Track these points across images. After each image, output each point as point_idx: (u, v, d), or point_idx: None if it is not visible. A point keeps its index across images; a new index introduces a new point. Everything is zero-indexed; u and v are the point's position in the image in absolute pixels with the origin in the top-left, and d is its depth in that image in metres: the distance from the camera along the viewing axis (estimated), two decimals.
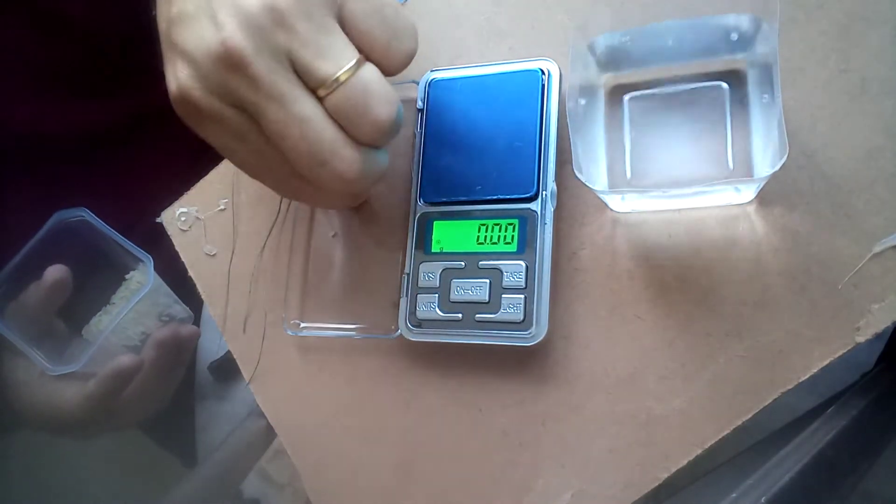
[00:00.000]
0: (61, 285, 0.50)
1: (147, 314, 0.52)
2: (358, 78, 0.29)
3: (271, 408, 0.42)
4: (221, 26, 0.28)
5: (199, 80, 0.29)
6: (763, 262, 0.32)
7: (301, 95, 0.28)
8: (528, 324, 0.34)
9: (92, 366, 0.48)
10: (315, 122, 0.29)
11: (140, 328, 0.52)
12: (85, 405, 0.49)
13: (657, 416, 0.33)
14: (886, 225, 0.30)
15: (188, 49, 0.29)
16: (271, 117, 0.28)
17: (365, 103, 0.29)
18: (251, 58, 0.27)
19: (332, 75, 0.28)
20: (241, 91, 0.28)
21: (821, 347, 0.31)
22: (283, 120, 0.28)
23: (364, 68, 0.29)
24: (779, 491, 0.27)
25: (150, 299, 0.51)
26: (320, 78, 0.28)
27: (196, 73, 0.29)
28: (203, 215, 0.45)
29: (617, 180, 0.34)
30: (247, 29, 0.27)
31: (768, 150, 0.31)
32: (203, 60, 0.28)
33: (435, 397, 0.37)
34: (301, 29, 0.28)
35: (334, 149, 0.29)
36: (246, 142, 0.30)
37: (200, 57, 0.28)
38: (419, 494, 0.37)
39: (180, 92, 0.29)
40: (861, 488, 0.33)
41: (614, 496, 0.33)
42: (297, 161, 0.29)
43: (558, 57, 0.36)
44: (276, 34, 0.28)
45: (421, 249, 0.36)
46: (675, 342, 0.33)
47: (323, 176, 0.30)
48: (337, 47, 0.29)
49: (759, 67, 0.32)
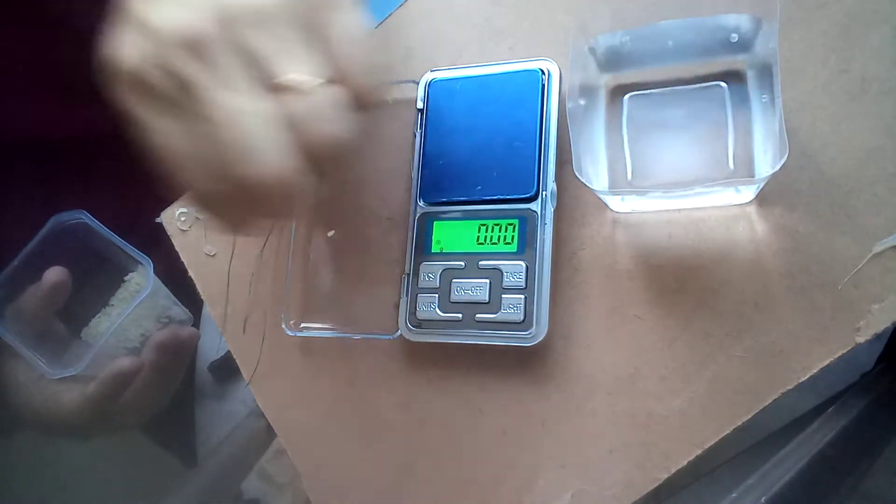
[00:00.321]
0: (60, 287, 0.49)
1: (146, 316, 0.52)
2: (326, 91, 0.29)
3: (271, 408, 0.42)
4: (192, 7, 0.28)
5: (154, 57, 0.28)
6: (763, 263, 0.32)
7: (253, 90, 0.28)
8: (528, 324, 0.34)
9: (91, 368, 0.48)
10: (258, 117, 0.28)
11: (140, 330, 0.52)
12: (84, 407, 0.49)
13: (657, 417, 0.33)
14: (886, 225, 0.30)
15: (150, 21, 0.28)
16: (217, 103, 0.28)
17: (324, 116, 0.29)
18: (215, 43, 0.27)
19: (297, 81, 0.28)
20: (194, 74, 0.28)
21: (821, 347, 0.31)
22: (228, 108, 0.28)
23: (335, 87, 0.29)
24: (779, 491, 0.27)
25: (150, 301, 0.51)
26: (284, 81, 0.28)
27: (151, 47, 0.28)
28: (203, 215, 0.45)
29: (617, 180, 0.34)
30: (219, 17, 0.27)
31: (768, 151, 0.31)
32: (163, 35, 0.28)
33: (435, 397, 0.37)
34: (277, 34, 0.28)
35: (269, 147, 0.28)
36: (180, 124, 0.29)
37: (162, 31, 0.28)
38: (419, 494, 0.37)
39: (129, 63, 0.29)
40: (861, 488, 0.33)
41: (614, 496, 0.33)
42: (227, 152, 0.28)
43: (558, 57, 0.36)
44: (249, 31, 0.28)
45: (421, 249, 0.36)
46: (675, 342, 0.33)
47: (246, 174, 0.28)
48: (308, 61, 0.29)
49: (759, 68, 0.32)
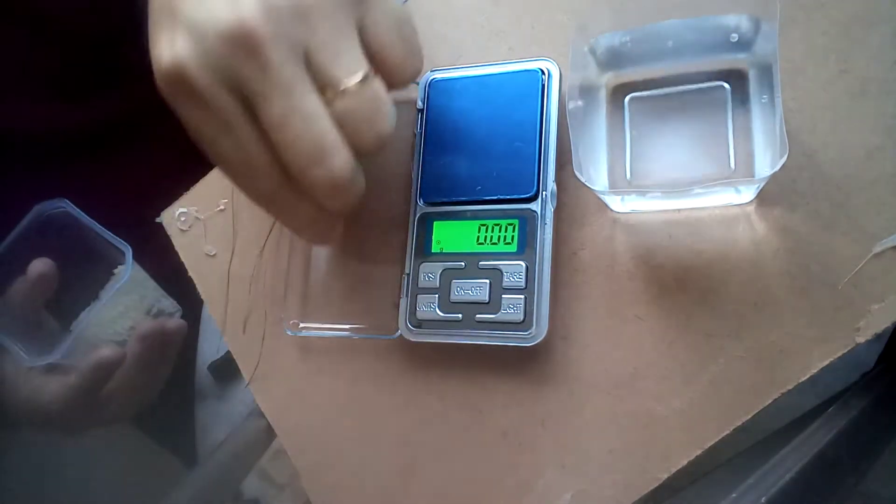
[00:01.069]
0: (46, 279, 0.49)
1: (135, 308, 0.52)
2: (370, 87, 0.29)
3: (271, 408, 0.42)
4: (239, 4, 0.26)
5: (201, 56, 0.27)
6: (763, 263, 0.32)
7: (310, 91, 0.28)
8: (528, 324, 0.34)
9: (76, 359, 0.48)
10: (320, 119, 0.28)
11: (128, 322, 0.51)
12: (67, 397, 0.48)
13: (657, 417, 0.33)
14: (886, 225, 0.30)
15: (196, 21, 0.27)
16: (276, 107, 0.27)
17: (371, 114, 0.29)
18: (268, 42, 0.26)
19: (345, 81, 0.28)
20: (248, 76, 0.27)
21: (821, 347, 0.31)
22: (289, 112, 0.27)
23: (376, 80, 0.29)
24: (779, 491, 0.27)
25: (138, 293, 0.51)
26: (332, 81, 0.28)
27: (199, 47, 0.27)
28: (203, 215, 0.45)
29: (617, 181, 0.34)
30: (267, 13, 0.26)
31: (768, 151, 0.31)
32: (212, 35, 0.27)
33: (435, 398, 0.37)
34: (322, 28, 0.27)
35: (334, 148, 0.28)
36: (233, 133, 0.28)
37: (210, 31, 0.27)
38: (419, 494, 0.37)
39: (175, 65, 0.27)
40: (861, 488, 0.33)
41: (614, 496, 0.33)
42: (293, 156, 0.28)
43: (558, 57, 0.36)
44: (297, 26, 0.27)
45: (421, 250, 0.36)
46: (675, 342, 0.33)
47: (316, 176, 0.28)
48: (353, 55, 0.28)
49: (759, 68, 0.32)
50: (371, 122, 0.29)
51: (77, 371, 0.48)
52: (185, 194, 0.45)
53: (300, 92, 0.27)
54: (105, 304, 0.49)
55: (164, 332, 0.50)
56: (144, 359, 0.50)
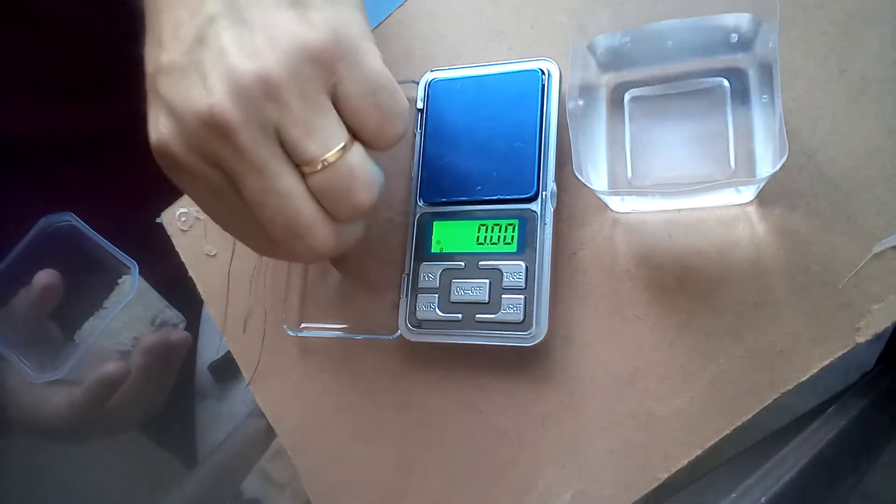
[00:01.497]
0: (51, 290, 0.49)
1: (139, 319, 0.52)
2: (344, 161, 0.28)
3: (271, 408, 0.42)
4: (211, 90, 0.27)
5: (181, 137, 0.28)
6: (763, 263, 0.32)
7: (284, 171, 0.28)
8: (528, 324, 0.34)
9: (81, 372, 0.48)
10: (295, 198, 0.28)
11: (132, 333, 0.52)
12: (71, 412, 0.48)
13: (657, 417, 0.33)
14: (886, 225, 0.30)
15: (174, 104, 0.28)
16: (251, 187, 0.28)
17: (348, 187, 0.29)
18: (238, 127, 0.27)
19: (319, 156, 0.28)
20: (223, 157, 0.28)
21: (821, 347, 0.31)
22: (263, 192, 0.28)
23: (351, 151, 0.29)
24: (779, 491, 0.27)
25: (142, 304, 0.51)
26: (307, 157, 0.28)
27: (179, 129, 0.28)
28: (203, 215, 0.45)
29: (617, 180, 0.34)
30: (237, 98, 0.27)
31: (768, 151, 0.31)
32: (188, 119, 0.27)
33: (435, 398, 0.37)
34: (293, 105, 0.27)
35: (311, 225, 0.29)
36: (222, 199, 0.30)
37: (186, 115, 0.27)
38: (419, 494, 0.37)
39: (160, 144, 0.29)
40: (861, 488, 0.33)
41: (614, 496, 0.33)
42: (272, 232, 0.29)
43: (558, 57, 0.36)
44: (267, 107, 0.27)
45: (421, 250, 0.36)
46: (675, 342, 0.33)
47: (296, 248, 0.29)
48: (327, 128, 0.28)
49: (759, 68, 0.32)
50: (348, 195, 0.29)
51: (82, 387, 0.48)
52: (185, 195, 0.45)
53: (273, 173, 0.28)
54: (108, 321, 0.49)
55: (169, 344, 0.50)
56: (149, 371, 0.50)
